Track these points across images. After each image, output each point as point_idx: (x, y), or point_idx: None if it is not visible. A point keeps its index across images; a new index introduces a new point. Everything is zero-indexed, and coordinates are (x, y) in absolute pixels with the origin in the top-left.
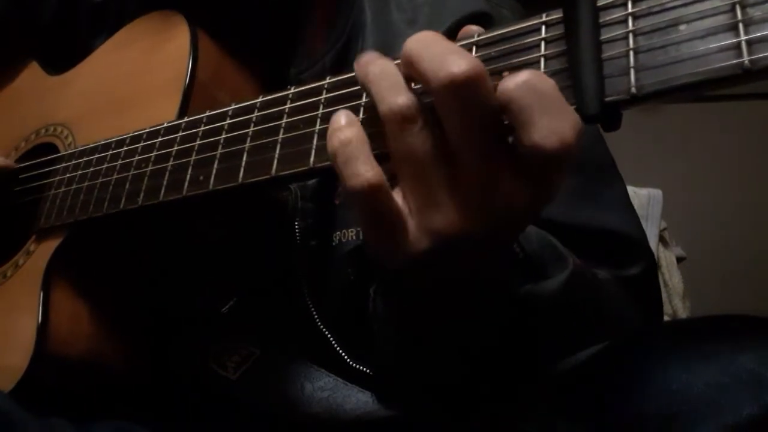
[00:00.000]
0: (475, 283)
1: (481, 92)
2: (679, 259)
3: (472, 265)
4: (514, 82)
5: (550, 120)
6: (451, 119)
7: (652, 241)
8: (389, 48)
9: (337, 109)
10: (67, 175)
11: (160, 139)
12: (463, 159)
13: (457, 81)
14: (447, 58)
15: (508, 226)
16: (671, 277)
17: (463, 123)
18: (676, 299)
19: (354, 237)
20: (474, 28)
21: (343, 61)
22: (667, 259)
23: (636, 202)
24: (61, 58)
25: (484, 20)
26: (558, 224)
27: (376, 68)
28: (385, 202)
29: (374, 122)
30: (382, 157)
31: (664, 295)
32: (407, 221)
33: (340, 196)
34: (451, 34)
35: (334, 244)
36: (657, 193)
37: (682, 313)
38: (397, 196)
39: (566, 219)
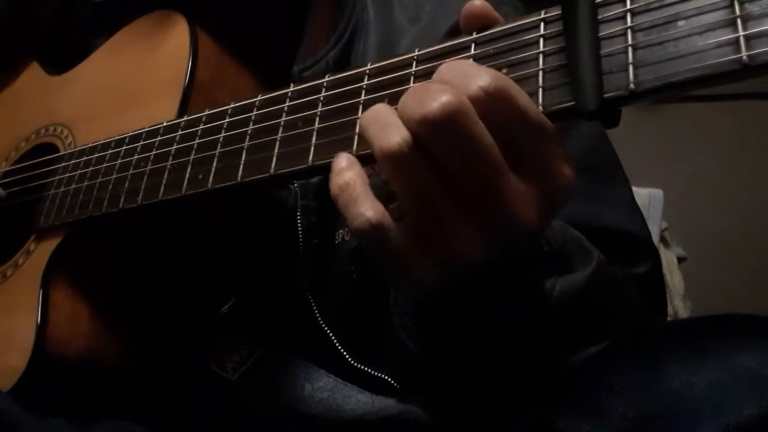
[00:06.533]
0: (496, 283)
1: (464, 124)
2: (680, 260)
3: (488, 279)
4: None
5: None
6: (442, 154)
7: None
8: (391, 46)
9: (339, 104)
10: (67, 175)
11: (159, 138)
12: (466, 187)
13: (431, 119)
14: (424, 97)
15: (524, 233)
16: (672, 278)
17: (455, 155)
18: (677, 299)
19: None
20: (477, 3)
21: (346, 59)
22: (668, 259)
23: (637, 203)
24: (62, 59)
25: None
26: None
27: (368, 113)
28: (390, 239)
29: None
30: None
31: None
32: (415, 257)
33: None
34: (453, 32)
35: (336, 242)
36: (658, 193)
37: (683, 314)
38: (405, 230)
39: (572, 218)
